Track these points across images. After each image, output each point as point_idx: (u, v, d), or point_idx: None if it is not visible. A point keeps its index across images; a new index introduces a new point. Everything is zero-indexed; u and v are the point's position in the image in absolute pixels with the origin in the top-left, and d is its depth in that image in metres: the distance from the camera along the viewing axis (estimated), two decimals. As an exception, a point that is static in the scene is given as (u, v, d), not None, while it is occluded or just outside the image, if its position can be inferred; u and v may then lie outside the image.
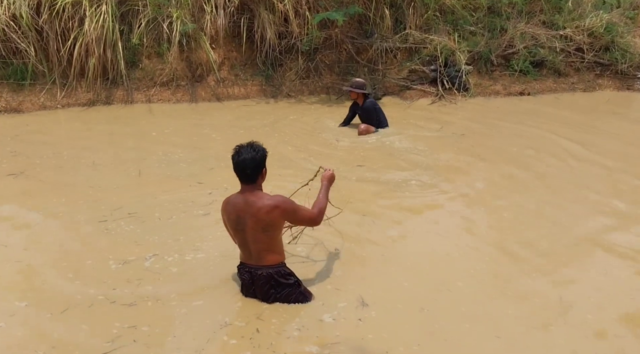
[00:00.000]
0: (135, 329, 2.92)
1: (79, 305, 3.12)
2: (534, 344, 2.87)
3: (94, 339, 2.85)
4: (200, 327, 2.94)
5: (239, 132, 6.32)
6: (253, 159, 2.90)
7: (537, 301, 3.23)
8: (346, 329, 2.92)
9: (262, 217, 2.90)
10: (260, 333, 2.87)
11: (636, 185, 5.04)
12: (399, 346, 2.81)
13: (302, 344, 2.79)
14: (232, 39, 7.92)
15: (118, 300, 3.17)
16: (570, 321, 3.05)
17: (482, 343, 2.87)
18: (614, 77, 8.62)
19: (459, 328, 2.97)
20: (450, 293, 3.28)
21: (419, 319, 3.04)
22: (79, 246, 3.78)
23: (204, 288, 3.30)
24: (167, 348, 2.80)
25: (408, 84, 8.04)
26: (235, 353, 2.75)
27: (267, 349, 2.75)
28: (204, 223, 4.10)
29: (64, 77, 7.27)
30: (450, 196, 4.73)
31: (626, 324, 3.04)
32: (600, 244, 3.92)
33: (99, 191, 4.66)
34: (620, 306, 3.20)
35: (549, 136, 6.39)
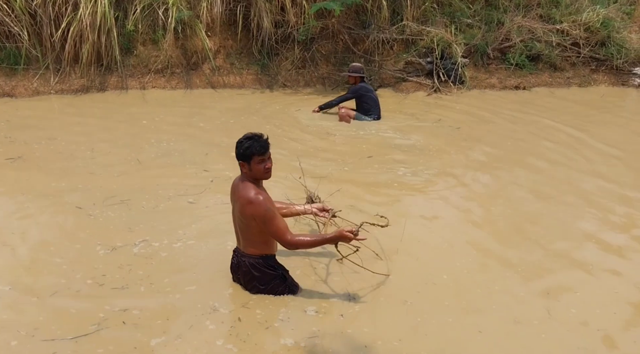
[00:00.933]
0: (125, 312, 2.93)
1: (67, 289, 3.12)
2: (516, 338, 2.86)
3: (80, 321, 2.85)
4: (190, 312, 2.95)
5: (231, 121, 6.30)
6: (237, 146, 2.93)
7: (523, 295, 3.23)
8: (327, 322, 2.89)
9: (240, 209, 2.94)
10: (242, 322, 2.87)
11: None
12: (377, 340, 2.78)
13: (279, 337, 2.78)
14: (228, 27, 7.87)
15: (108, 284, 3.17)
16: (555, 315, 3.04)
17: (463, 337, 2.85)
18: (609, 73, 8.64)
19: (442, 322, 2.96)
20: (435, 286, 3.26)
21: (401, 312, 3.00)
22: (69, 231, 3.77)
23: (197, 273, 3.30)
24: (154, 330, 2.81)
25: (404, 76, 8.03)
26: (209, 340, 2.74)
27: (241, 339, 2.75)
28: (195, 211, 4.10)
29: (58, 62, 7.21)
30: (441, 189, 4.74)
31: (610, 317, 3.06)
32: (592, 240, 3.93)
33: (95, 178, 4.64)
34: (604, 300, 3.21)
35: (543, 130, 6.41)
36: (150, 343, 2.72)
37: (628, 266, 3.60)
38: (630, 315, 3.09)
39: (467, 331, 2.90)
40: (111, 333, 2.79)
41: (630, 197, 4.64)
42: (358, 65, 6.65)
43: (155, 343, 2.72)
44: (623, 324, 3.00)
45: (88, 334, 2.76)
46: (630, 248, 3.82)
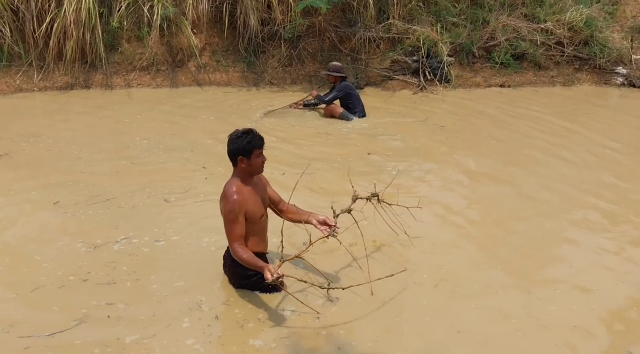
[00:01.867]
0: (110, 306, 2.94)
1: (49, 285, 3.12)
2: (494, 337, 2.86)
3: (61, 317, 2.85)
4: (175, 308, 2.96)
5: (217, 118, 6.28)
6: (230, 143, 2.98)
7: (502, 294, 3.24)
8: (302, 323, 2.87)
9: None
10: (219, 320, 2.88)
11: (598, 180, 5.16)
12: (352, 341, 2.76)
13: (250, 337, 2.76)
14: (214, 25, 7.84)
15: (92, 280, 3.17)
16: (534, 313, 3.06)
17: (441, 337, 2.84)
18: (592, 72, 8.75)
19: (419, 322, 2.95)
20: (415, 286, 3.25)
21: (379, 313, 2.98)
22: (51, 229, 3.74)
23: (184, 269, 3.31)
24: (135, 326, 2.81)
25: (390, 74, 8.06)
26: (180, 339, 2.73)
27: (209, 339, 2.74)
28: (181, 208, 4.10)
29: (41, 59, 7.14)
30: (425, 187, 4.77)
31: (588, 314, 3.10)
32: (571, 239, 3.98)
33: (80, 176, 4.61)
34: (583, 297, 3.25)
35: (528, 128, 6.48)
36: (125, 340, 2.72)
37: (608, 263, 3.66)
38: (607, 311, 3.14)
39: (445, 330, 2.90)
40: (89, 330, 2.79)
41: (614, 197, 4.71)
42: (338, 64, 6.68)
43: (129, 341, 2.71)
44: (600, 321, 3.05)
45: (65, 331, 2.75)
46: (610, 246, 3.88)
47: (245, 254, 2.90)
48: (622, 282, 3.44)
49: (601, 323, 3.03)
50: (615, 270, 3.57)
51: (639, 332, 3.00)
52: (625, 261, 3.69)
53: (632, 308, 3.18)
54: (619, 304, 3.21)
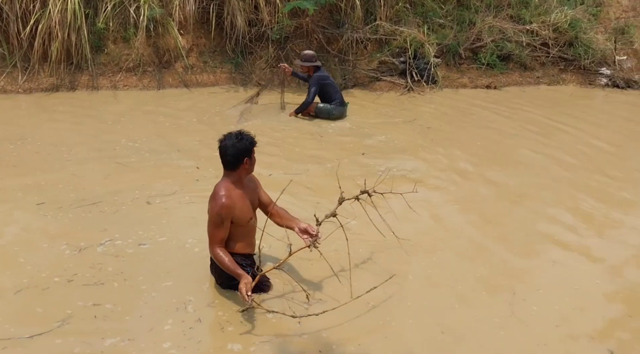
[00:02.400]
0: (97, 307, 2.95)
1: (33, 287, 3.11)
2: (478, 338, 2.88)
3: (45, 319, 2.84)
4: (161, 309, 2.96)
5: (205, 120, 6.26)
6: (233, 146, 2.94)
7: (485, 294, 3.26)
8: (285, 326, 2.85)
9: None
10: (201, 323, 2.87)
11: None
12: (333, 344, 2.75)
13: (229, 341, 2.75)
14: (201, 26, 7.81)
15: (78, 281, 3.17)
16: (517, 313, 3.08)
17: (424, 339, 2.84)
18: (577, 72, 8.86)
19: (403, 324, 2.94)
20: (399, 286, 3.25)
21: (362, 315, 2.95)
22: (35, 232, 3.72)
23: (173, 270, 3.32)
24: (118, 329, 2.82)
25: (378, 75, 8.09)
26: (158, 341, 2.73)
27: (191, 342, 2.73)
28: (168, 210, 4.09)
29: (26, 60, 7.06)
30: (410, 186, 4.77)
31: (570, 313, 3.14)
32: (555, 238, 4.03)
33: (67, 178, 4.56)
34: (565, 297, 3.28)
35: (514, 128, 6.54)
36: (105, 343, 2.71)
37: (589, 263, 3.71)
38: (588, 311, 3.19)
39: (428, 332, 2.91)
40: (71, 331, 2.78)
41: (600, 196, 4.78)
42: (310, 53, 6.49)
43: (108, 343, 2.71)
44: (582, 320, 3.10)
45: (45, 333, 2.74)
46: (592, 244, 3.94)
47: (225, 258, 2.90)
48: (604, 281, 3.49)
49: (583, 322, 3.08)
50: (596, 269, 3.62)
51: (620, 331, 3.05)
52: (606, 260, 3.75)
53: (613, 307, 3.24)
54: (601, 304, 3.26)
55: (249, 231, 3.09)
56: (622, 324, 3.09)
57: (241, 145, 2.94)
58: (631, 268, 3.69)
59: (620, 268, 3.67)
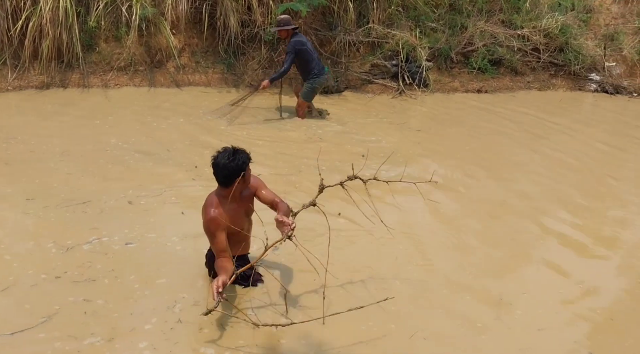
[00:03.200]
0: (88, 303, 2.96)
1: (20, 284, 3.10)
2: (462, 344, 2.88)
3: (31, 315, 2.84)
4: (150, 307, 2.97)
5: (195, 121, 6.24)
6: (225, 166, 2.87)
7: (469, 299, 3.27)
8: (263, 332, 2.81)
9: None
10: (182, 324, 2.87)
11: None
12: (311, 351, 2.72)
13: (203, 344, 2.73)
14: (193, 26, 7.79)
15: (67, 278, 3.17)
16: (502, 317, 3.10)
17: (406, 345, 2.82)
18: (567, 78, 8.94)
19: (383, 330, 2.92)
20: (384, 291, 3.23)
21: (343, 321, 2.88)
22: (22, 231, 3.70)
23: (165, 267, 3.33)
24: (101, 326, 2.82)
25: (370, 78, 8.12)
26: (134, 341, 2.73)
27: (167, 343, 2.73)
28: (157, 211, 4.08)
29: (16, 58, 7.01)
30: (397, 190, 4.79)
31: (552, 317, 3.17)
32: (540, 243, 4.07)
33: (59, 177, 4.55)
34: (548, 300, 3.31)
35: (504, 132, 6.59)
36: (84, 341, 2.71)
37: (573, 267, 3.75)
38: (571, 315, 3.22)
39: (410, 338, 2.89)
40: (55, 328, 2.78)
41: (580, 202, 4.83)
42: (286, 17, 6.28)
43: (87, 343, 2.71)
44: (564, 324, 3.13)
45: (27, 329, 2.74)
46: (577, 249, 3.98)
47: (220, 265, 2.87)
48: (586, 287, 3.52)
49: (565, 326, 3.11)
50: (579, 275, 3.65)
51: (601, 335, 3.08)
52: (589, 266, 3.78)
53: (595, 311, 3.27)
54: (583, 308, 3.29)
55: (243, 237, 3.07)
56: (604, 328, 3.13)
57: (234, 165, 2.86)
58: (617, 273, 3.73)
59: (607, 273, 3.71)
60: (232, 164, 2.85)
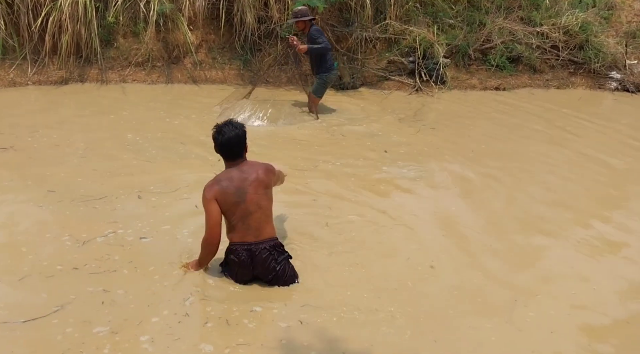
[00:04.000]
0: (106, 293, 2.99)
1: (37, 274, 3.14)
2: (470, 344, 2.83)
3: (45, 304, 2.87)
4: (167, 300, 2.98)
5: (214, 117, 6.25)
6: (237, 135, 3.00)
7: (480, 300, 3.19)
8: (266, 330, 2.80)
9: (262, 178, 3.00)
10: (189, 317, 2.86)
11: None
12: (313, 351, 2.68)
13: (204, 340, 2.71)
14: (210, 22, 7.81)
15: (84, 270, 3.20)
16: (513, 319, 3.02)
17: (416, 346, 2.77)
18: (587, 76, 8.80)
19: (398, 332, 2.85)
20: (387, 292, 3.19)
21: (351, 323, 2.86)
22: (44, 223, 3.74)
23: (181, 260, 3.33)
24: (120, 315, 2.83)
25: (386, 75, 8.07)
26: (136, 335, 2.72)
27: (169, 337, 2.72)
28: (169, 206, 4.09)
29: (36, 53, 7.09)
30: (416, 188, 4.78)
31: (566, 322, 3.09)
32: (552, 245, 3.97)
33: (81, 172, 4.57)
34: (561, 303, 3.23)
35: (522, 131, 6.51)
36: (93, 330, 2.73)
37: (587, 271, 3.66)
38: (583, 316, 3.15)
39: (421, 339, 2.83)
40: (66, 317, 2.80)
41: (602, 201, 4.74)
42: (304, 8, 6.26)
43: (95, 331, 2.73)
44: (575, 327, 3.06)
45: (38, 319, 2.77)
46: (593, 252, 3.89)
47: (204, 250, 3.04)
48: (601, 287, 3.45)
49: (578, 329, 3.04)
50: (593, 278, 3.57)
51: (616, 338, 3.00)
52: (604, 269, 3.70)
53: (609, 315, 3.19)
54: (597, 312, 3.21)
55: (242, 217, 3.00)
56: (619, 331, 3.06)
57: (242, 131, 3.03)
58: (631, 276, 3.64)
59: (624, 276, 3.62)
60: (241, 132, 3.03)
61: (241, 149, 3.04)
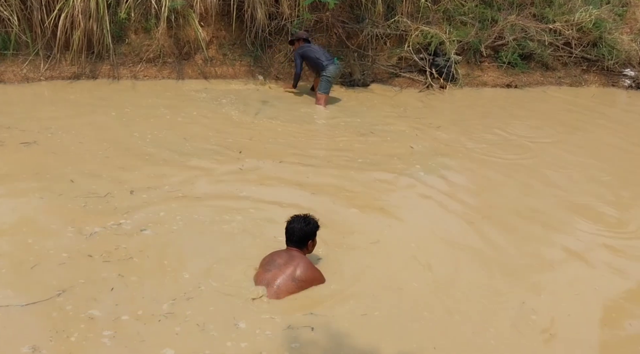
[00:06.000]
0: (121, 278, 3.05)
1: (47, 262, 3.18)
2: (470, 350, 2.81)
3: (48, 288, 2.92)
4: (180, 290, 3.01)
5: (226, 116, 6.24)
6: (301, 230, 3.20)
7: (485, 302, 3.14)
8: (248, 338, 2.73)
9: (296, 276, 3.07)
10: (166, 318, 2.84)
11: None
12: None
13: (167, 344, 2.66)
14: (221, 18, 7.81)
15: (98, 258, 3.25)
16: (517, 323, 2.99)
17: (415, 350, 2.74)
18: (600, 73, 8.72)
19: (400, 334, 2.83)
20: (398, 291, 3.18)
21: (354, 329, 2.83)
22: (55, 216, 3.76)
23: (204, 254, 3.37)
24: (123, 305, 2.87)
25: (397, 72, 8.03)
26: (107, 327, 2.73)
27: (134, 335, 2.70)
28: (174, 201, 4.09)
29: (48, 48, 7.12)
30: (426, 183, 4.75)
31: (567, 322, 3.06)
32: (560, 244, 3.92)
33: (101, 169, 4.57)
34: (564, 303, 3.21)
35: (532, 131, 6.45)
36: (91, 312, 2.78)
37: (590, 270, 3.62)
38: (582, 317, 3.12)
39: (421, 345, 2.79)
40: (63, 302, 2.84)
41: (611, 201, 4.67)
42: (297, 33, 7.12)
43: (86, 314, 2.77)
44: (576, 326, 3.03)
45: (38, 302, 2.82)
46: (597, 253, 3.84)
47: None
48: (604, 288, 3.41)
49: (578, 329, 3.01)
50: (600, 276, 3.54)
51: (617, 339, 2.97)
52: (609, 271, 3.65)
53: (611, 315, 3.15)
54: (599, 311, 3.18)
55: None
56: (622, 332, 3.02)
57: (308, 229, 3.21)
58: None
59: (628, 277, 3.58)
60: (307, 229, 3.21)
61: (299, 243, 3.20)
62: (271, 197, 4.21)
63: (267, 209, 4.00)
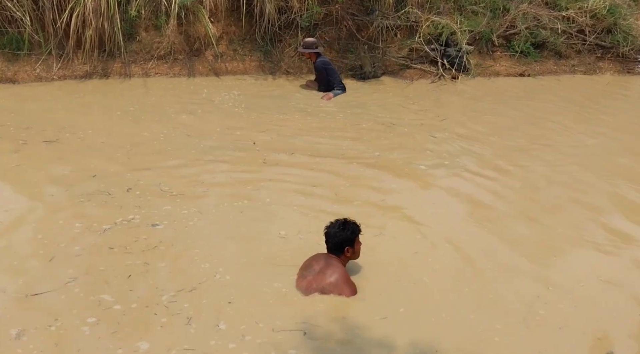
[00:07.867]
0: (145, 265, 3.13)
1: (64, 254, 3.25)
2: (477, 343, 2.77)
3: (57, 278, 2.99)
4: (195, 279, 3.05)
5: (238, 112, 6.23)
6: (336, 235, 3.08)
7: (493, 296, 3.11)
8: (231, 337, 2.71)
9: (325, 286, 2.99)
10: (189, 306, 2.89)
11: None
12: None
13: (144, 339, 2.66)
14: (231, 14, 7.81)
15: (119, 250, 3.31)
16: (528, 320, 2.94)
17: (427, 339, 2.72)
18: (615, 60, 8.58)
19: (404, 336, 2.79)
20: (412, 286, 3.14)
21: (365, 324, 2.80)
22: (63, 211, 3.82)
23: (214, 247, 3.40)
24: (144, 290, 2.95)
25: (408, 63, 7.97)
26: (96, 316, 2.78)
27: (115, 324, 2.74)
28: (185, 197, 4.11)
29: (60, 48, 7.18)
30: (431, 180, 4.72)
31: (576, 316, 3.01)
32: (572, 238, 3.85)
33: (120, 167, 4.61)
34: (571, 300, 3.15)
35: (545, 121, 6.36)
36: (97, 298, 2.87)
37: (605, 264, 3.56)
38: (591, 311, 3.07)
39: (429, 342, 2.76)
40: (70, 294, 2.91)
41: (623, 197, 4.57)
42: (311, 40, 6.95)
43: (95, 299, 2.87)
44: (585, 320, 2.99)
45: (42, 294, 2.89)
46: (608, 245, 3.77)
47: None
48: (610, 282, 3.35)
49: (586, 323, 2.96)
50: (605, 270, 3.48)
51: (623, 332, 2.91)
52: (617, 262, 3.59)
53: (620, 307, 3.10)
54: (608, 302, 3.13)
55: None
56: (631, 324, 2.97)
57: (343, 235, 3.06)
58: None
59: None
60: (341, 234, 3.06)
61: (335, 248, 3.08)
62: (291, 192, 4.22)
63: (288, 204, 4.00)
